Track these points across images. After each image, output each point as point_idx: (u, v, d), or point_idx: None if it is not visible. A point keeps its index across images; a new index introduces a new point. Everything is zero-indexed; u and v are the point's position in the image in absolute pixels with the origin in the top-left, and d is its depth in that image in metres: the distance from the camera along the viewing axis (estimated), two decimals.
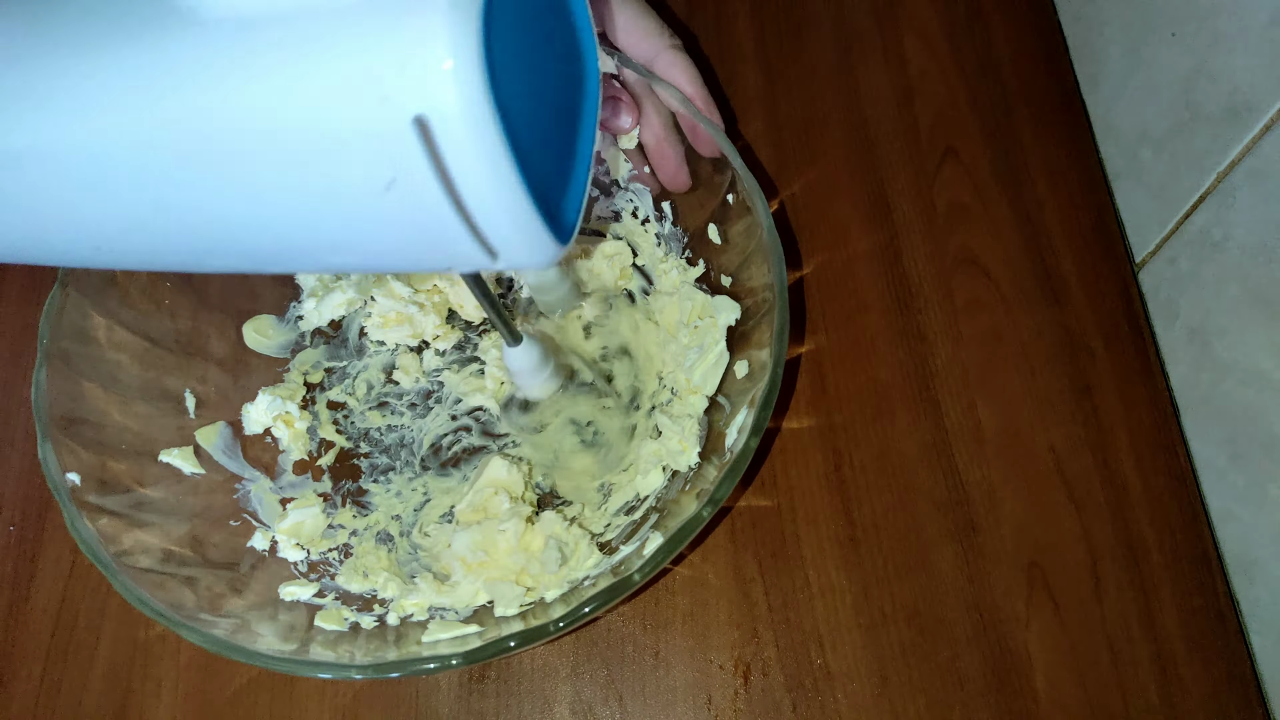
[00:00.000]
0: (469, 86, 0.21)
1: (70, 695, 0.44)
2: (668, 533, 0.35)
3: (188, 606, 0.36)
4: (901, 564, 0.46)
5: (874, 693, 0.43)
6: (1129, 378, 0.49)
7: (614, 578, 0.35)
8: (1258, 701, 0.43)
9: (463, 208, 0.23)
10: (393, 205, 0.23)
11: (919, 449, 0.48)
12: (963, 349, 0.50)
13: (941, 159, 0.55)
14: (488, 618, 0.40)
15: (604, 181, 0.50)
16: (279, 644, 0.36)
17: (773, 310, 0.38)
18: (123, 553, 0.36)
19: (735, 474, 0.36)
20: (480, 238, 0.24)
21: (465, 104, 0.21)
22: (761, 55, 0.59)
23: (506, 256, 0.25)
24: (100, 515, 0.37)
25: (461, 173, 0.22)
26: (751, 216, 0.41)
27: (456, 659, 0.34)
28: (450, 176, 0.22)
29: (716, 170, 0.44)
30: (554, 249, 0.26)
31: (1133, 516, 0.46)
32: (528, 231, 0.24)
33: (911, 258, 0.53)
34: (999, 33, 0.59)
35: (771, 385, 0.37)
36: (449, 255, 0.26)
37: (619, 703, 0.43)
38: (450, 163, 0.22)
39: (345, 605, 0.41)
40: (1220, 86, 0.44)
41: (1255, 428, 0.43)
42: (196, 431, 0.44)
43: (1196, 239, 0.47)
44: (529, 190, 0.23)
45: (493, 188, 0.22)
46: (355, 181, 0.23)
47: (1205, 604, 0.45)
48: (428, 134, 0.21)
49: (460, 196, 0.23)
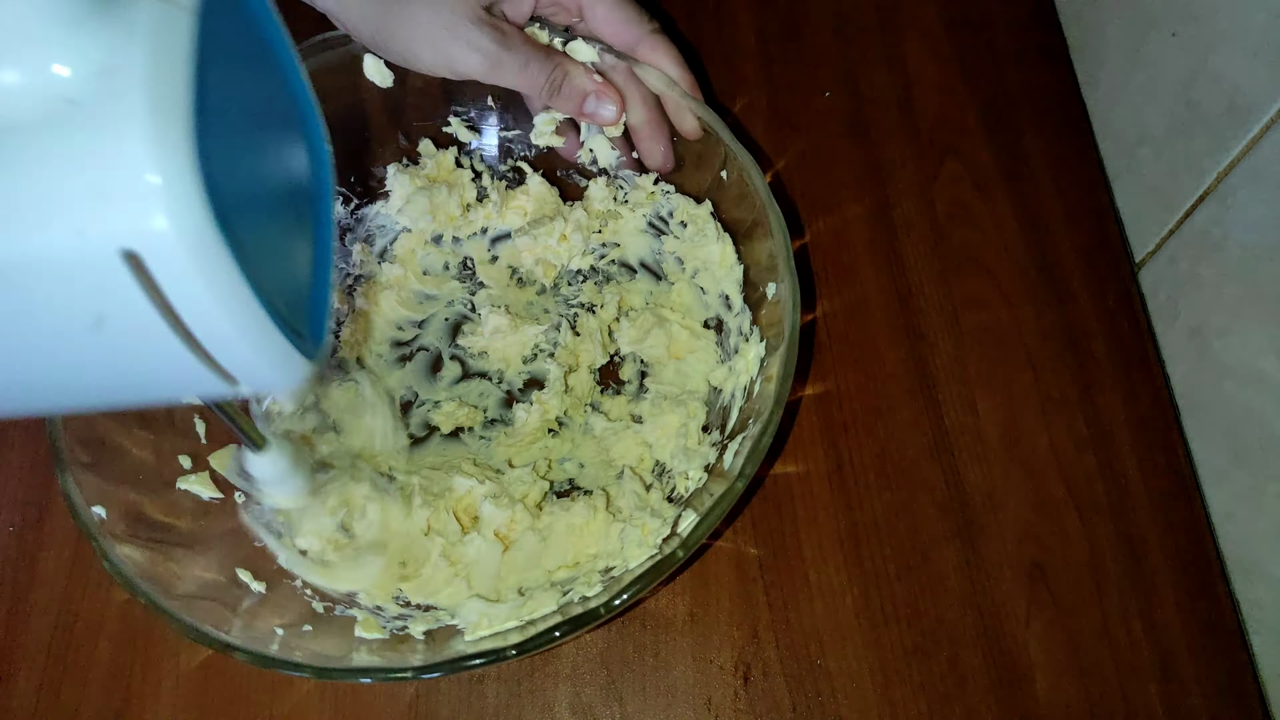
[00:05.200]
0: (186, 210, 0.17)
1: (70, 695, 0.44)
2: (701, 510, 0.36)
3: (233, 628, 0.36)
4: (902, 564, 0.46)
5: (874, 693, 0.43)
6: (1129, 378, 0.49)
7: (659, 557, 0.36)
8: (1258, 702, 0.43)
9: (191, 337, 0.20)
10: (106, 342, 0.19)
11: (919, 449, 0.48)
12: (963, 348, 0.50)
13: (942, 158, 0.55)
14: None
15: (591, 171, 0.51)
16: (328, 653, 0.36)
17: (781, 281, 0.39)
18: (158, 582, 0.36)
19: (766, 437, 0.37)
20: (215, 366, 0.21)
21: (183, 231, 0.17)
22: (762, 54, 0.59)
23: (249, 382, 0.22)
24: (131, 546, 0.36)
25: (187, 304, 0.19)
26: (749, 189, 0.42)
27: (512, 650, 0.34)
28: (172, 306, 0.19)
29: (708, 146, 0.45)
30: (303, 366, 0.22)
31: (1133, 516, 0.46)
32: (271, 353, 0.21)
33: (912, 257, 0.53)
34: (999, 33, 0.59)
35: (790, 351, 0.38)
36: (181, 387, 0.23)
37: (619, 703, 0.43)
38: (172, 295, 0.18)
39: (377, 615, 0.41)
40: (1220, 86, 0.44)
41: (1255, 428, 0.43)
42: (210, 457, 0.44)
43: (1196, 239, 0.47)
44: (266, 308, 0.20)
45: (224, 313, 0.19)
46: (56, 322, 0.19)
47: (1205, 604, 0.45)
48: (139, 265, 0.18)
49: (187, 326, 0.19)
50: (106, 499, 0.37)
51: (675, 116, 0.46)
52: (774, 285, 0.41)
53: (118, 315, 0.19)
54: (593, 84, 0.44)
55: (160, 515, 0.39)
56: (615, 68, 0.45)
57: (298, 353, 0.22)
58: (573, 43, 0.44)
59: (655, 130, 0.46)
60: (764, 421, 0.37)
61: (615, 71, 0.45)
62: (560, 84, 0.44)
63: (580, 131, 0.50)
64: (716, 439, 0.44)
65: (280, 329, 0.21)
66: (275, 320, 0.21)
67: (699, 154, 0.46)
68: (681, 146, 0.46)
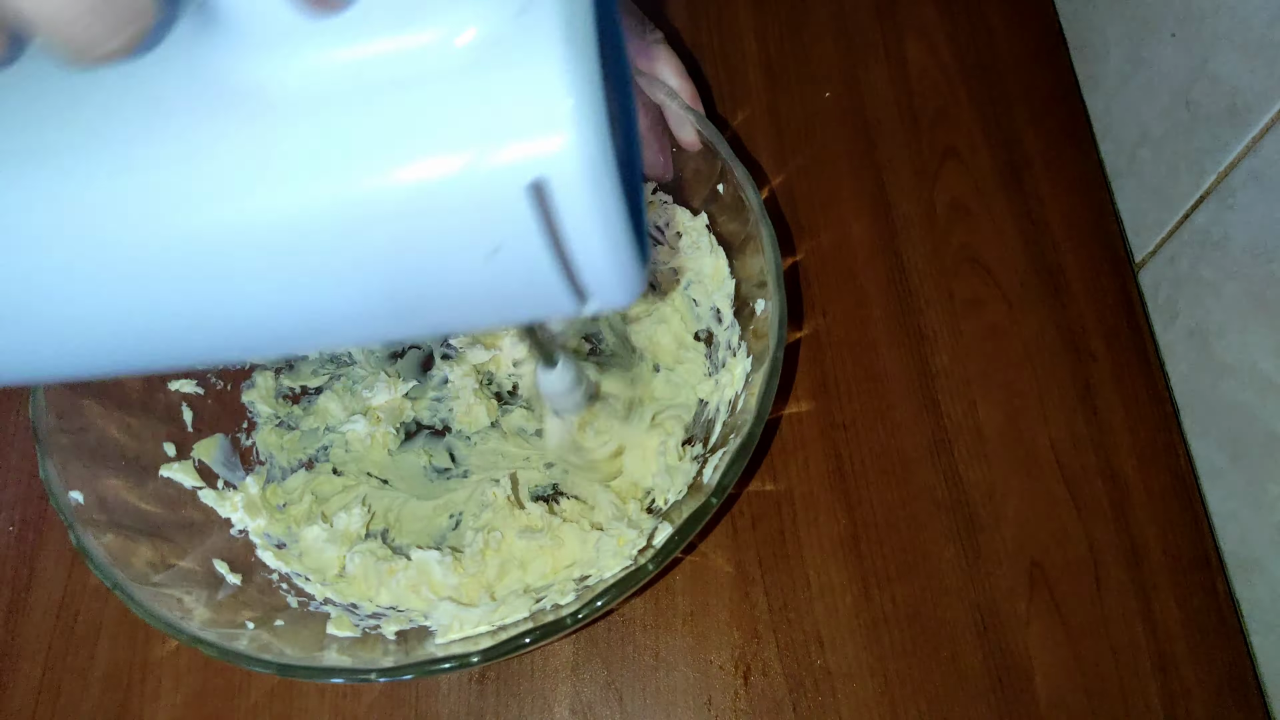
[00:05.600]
0: (594, 137, 0.19)
1: (70, 695, 0.44)
2: (676, 523, 0.36)
3: (202, 619, 0.36)
4: (902, 564, 0.46)
5: (874, 693, 0.43)
6: (1129, 377, 0.49)
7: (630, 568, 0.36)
8: (1258, 701, 0.43)
9: (567, 262, 0.21)
10: (493, 271, 0.21)
11: (919, 448, 0.48)
12: (963, 348, 0.50)
13: (942, 158, 0.55)
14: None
15: None
16: (298, 652, 0.36)
17: (770, 300, 0.39)
18: (131, 570, 0.36)
19: (742, 458, 0.36)
20: (577, 287, 0.22)
21: (588, 148, 0.19)
22: (763, 54, 0.59)
23: (600, 299, 0.23)
24: (106, 532, 0.36)
25: (576, 230, 0.20)
26: (744, 205, 0.42)
27: (476, 656, 0.34)
28: (562, 233, 0.20)
29: (707, 158, 0.44)
30: (644, 281, 0.24)
31: (1133, 516, 0.46)
32: (628, 269, 0.22)
33: (912, 257, 0.53)
34: (999, 33, 0.59)
35: (772, 371, 0.37)
36: (539, 309, 0.24)
37: (619, 703, 0.43)
38: (566, 219, 0.20)
39: (350, 613, 0.41)
40: (1220, 86, 0.44)
41: (1255, 428, 0.43)
42: (195, 445, 0.44)
43: (1196, 239, 0.47)
44: (631, 227, 0.22)
45: (606, 238, 0.21)
46: (454, 255, 0.21)
47: (1205, 604, 0.45)
48: (543, 197, 0.19)
49: (569, 251, 0.21)
50: (85, 484, 0.37)
51: (675, 127, 0.45)
52: (763, 302, 0.41)
53: (511, 246, 0.20)
54: None
55: (139, 502, 0.39)
56: None
57: (642, 268, 0.24)
58: None
59: (655, 139, 0.46)
60: (744, 437, 0.37)
61: None
62: None
63: None
64: (699, 452, 0.44)
65: (637, 247, 0.22)
66: (635, 238, 0.22)
67: (696, 167, 0.46)
68: (680, 158, 0.46)
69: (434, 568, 0.43)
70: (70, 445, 0.38)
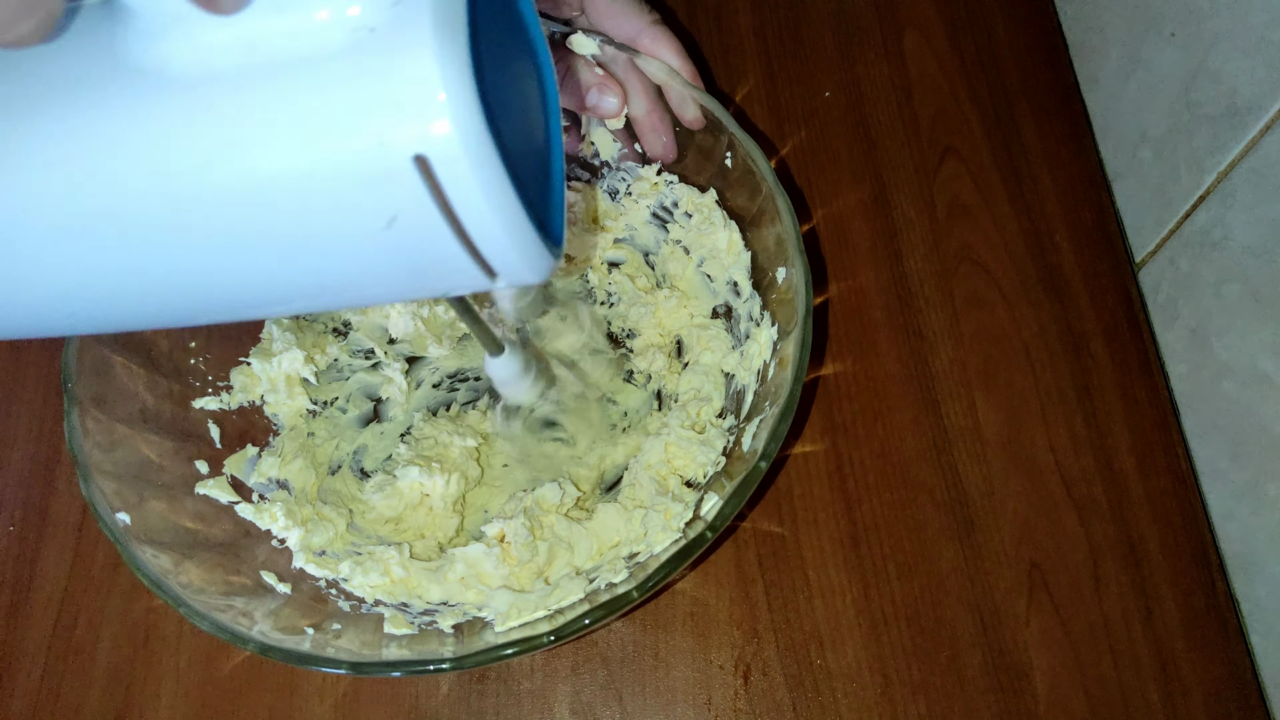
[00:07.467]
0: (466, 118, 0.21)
1: (70, 695, 0.44)
2: (724, 493, 0.36)
3: (263, 629, 0.36)
4: (902, 564, 0.46)
5: (874, 693, 0.43)
6: (1129, 377, 0.49)
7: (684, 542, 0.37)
8: (1258, 701, 0.43)
9: (465, 235, 0.23)
10: (393, 241, 0.23)
11: (919, 448, 0.48)
12: (963, 348, 0.50)
13: (942, 157, 0.55)
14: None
15: (593, 164, 0.51)
16: (359, 650, 0.36)
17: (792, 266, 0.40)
18: (191, 587, 0.36)
19: (785, 420, 0.37)
20: (482, 261, 0.24)
21: (465, 137, 0.21)
22: (762, 52, 0.59)
23: (506, 275, 0.25)
24: (157, 551, 0.37)
25: (464, 203, 0.22)
26: (755, 177, 0.42)
27: (550, 637, 0.34)
28: (453, 207, 0.22)
29: (712, 134, 0.45)
30: (551, 262, 0.26)
31: (1133, 516, 0.46)
32: (528, 250, 0.24)
33: (911, 256, 0.53)
34: (999, 32, 0.59)
35: (804, 337, 0.38)
36: (448, 281, 0.26)
37: (619, 703, 0.43)
38: (452, 195, 0.22)
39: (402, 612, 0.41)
40: (1220, 86, 0.44)
41: (1255, 428, 0.43)
42: (226, 461, 0.44)
43: (1196, 239, 0.47)
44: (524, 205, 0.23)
45: (495, 214, 0.23)
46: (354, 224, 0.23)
47: (1205, 604, 0.45)
48: (428, 170, 0.21)
49: (463, 225, 0.23)
50: (129, 505, 0.37)
51: (678, 106, 0.45)
52: (783, 269, 0.41)
53: (406, 215, 0.22)
54: (594, 77, 0.44)
55: (183, 521, 0.40)
56: (616, 60, 0.45)
57: (546, 248, 0.25)
58: (574, 36, 0.44)
59: (657, 121, 0.46)
60: (784, 401, 0.37)
61: (616, 63, 0.45)
62: (562, 78, 0.44)
63: (581, 125, 0.50)
64: (732, 424, 0.44)
65: (534, 226, 0.24)
66: (530, 217, 0.24)
67: (701, 143, 0.46)
68: (684, 136, 0.46)
69: (483, 560, 0.43)
70: (112, 470, 0.38)
